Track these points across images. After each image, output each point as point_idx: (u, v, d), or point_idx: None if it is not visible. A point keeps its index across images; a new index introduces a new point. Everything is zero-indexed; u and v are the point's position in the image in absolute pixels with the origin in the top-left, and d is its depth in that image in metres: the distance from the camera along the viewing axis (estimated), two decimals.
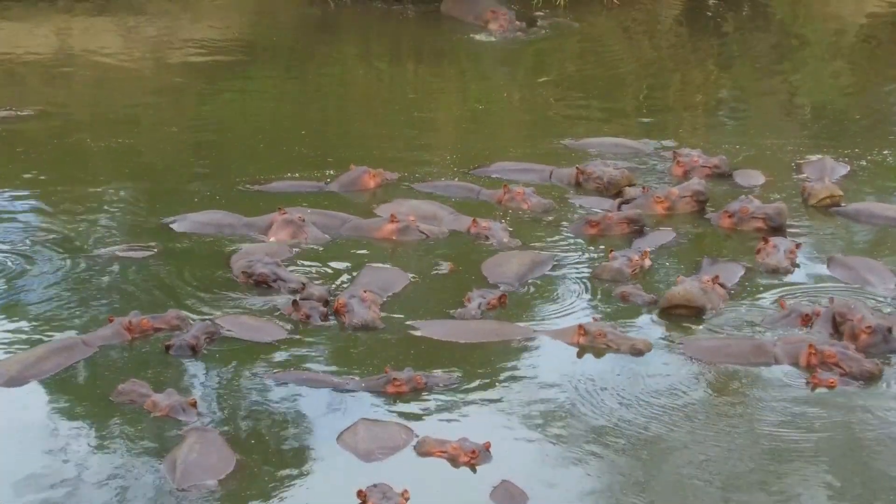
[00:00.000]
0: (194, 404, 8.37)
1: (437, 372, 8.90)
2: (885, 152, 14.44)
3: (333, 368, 9.10)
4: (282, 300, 10.08)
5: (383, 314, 9.85)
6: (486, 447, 7.85)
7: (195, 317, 9.75)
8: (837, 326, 9.50)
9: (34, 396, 8.69)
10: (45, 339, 9.47)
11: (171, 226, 11.78)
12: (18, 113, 15.73)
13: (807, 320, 9.65)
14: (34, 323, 9.80)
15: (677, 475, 7.74)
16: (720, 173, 13.37)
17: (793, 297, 10.27)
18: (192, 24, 21.88)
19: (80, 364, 9.08)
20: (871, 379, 8.88)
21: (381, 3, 23.06)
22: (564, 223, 12.06)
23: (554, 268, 10.96)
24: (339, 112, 16.84)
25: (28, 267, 10.79)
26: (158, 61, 19.33)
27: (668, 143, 14.70)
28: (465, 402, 8.61)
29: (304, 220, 11.56)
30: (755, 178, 13.39)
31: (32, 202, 12.61)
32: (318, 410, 8.52)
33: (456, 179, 13.34)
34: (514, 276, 10.66)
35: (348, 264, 11.02)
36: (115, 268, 10.80)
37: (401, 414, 8.40)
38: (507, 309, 10.08)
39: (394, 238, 11.56)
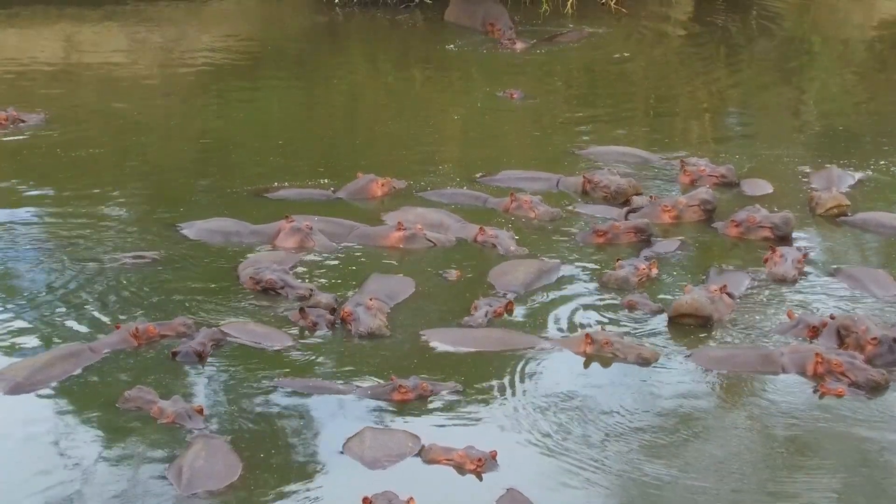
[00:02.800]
0: (200, 411, 8.37)
1: (444, 380, 8.90)
2: (884, 161, 14.38)
3: (339, 376, 9.10)
4: (289, 307, 10.08)
5: (389, 322, 9.85)
6: (493, 455, 7.83)
7: (202, 323, 9.75)
8: (842, 339, 9.47)
9: (40, 403, 8.69)
10: (52, 345, 9.48)
11: (178, 233, 11.79)
12: (47, 116, 15.79)
13: (814, 331, 9.62)
14: (41, 329, 9.81)
15: (684, 485, 7.72)
16: (727, 182, 13.35)
17: (800, 306, 10.25)
18: (199, 32, 21.92)
19: (87, 370, 9.09)
20: (877, 389, 8.86)
21: (388, 14, 23.08)
22: (571, 232, 12.06)
23: (561, 276, 10.95)
24: (347, 120, 16.85)
25: (34, 273, 10.80)
26: (166, 68, 19.36)
27: (675, 152, 14.69)
28: (471, 409, 8.60)
29: (311, 228, 11.56)
30: (762, 187, 13.37)
31: (38, 208, 12.61)
32: (323, 418, 8.51)
33: (463, 187, 13.34)
34: (521, 285, 10.65)
35: (355, 272, 11.02)
36: (122, 274, 10.80)
37: (407, 421, 8.40)
38: (514, 317, 10.08)
39: (401, 246, 11.56)
